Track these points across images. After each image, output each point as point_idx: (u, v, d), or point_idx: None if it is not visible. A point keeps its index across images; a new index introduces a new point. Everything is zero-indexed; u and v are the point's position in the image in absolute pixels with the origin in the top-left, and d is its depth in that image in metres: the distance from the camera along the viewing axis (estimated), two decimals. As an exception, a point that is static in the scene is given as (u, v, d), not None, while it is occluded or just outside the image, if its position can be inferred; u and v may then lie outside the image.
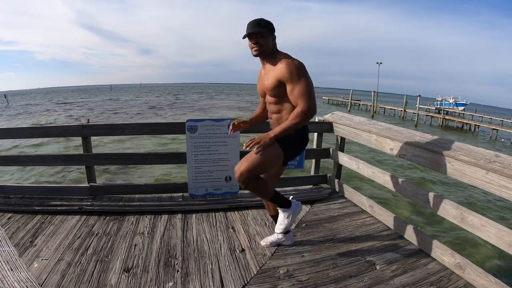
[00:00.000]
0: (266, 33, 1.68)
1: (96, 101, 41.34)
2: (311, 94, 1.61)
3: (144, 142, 11.23)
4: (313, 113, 1.63)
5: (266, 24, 1.68)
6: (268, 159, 1.66)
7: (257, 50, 1.69)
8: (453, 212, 1.77)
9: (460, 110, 34.75)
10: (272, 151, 1.67)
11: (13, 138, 2.95)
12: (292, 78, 1.61)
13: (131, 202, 2.63)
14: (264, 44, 1.68)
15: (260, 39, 1.67)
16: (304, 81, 1.61)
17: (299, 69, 1.62)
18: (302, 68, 1.63)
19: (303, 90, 1.60)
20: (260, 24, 1.67)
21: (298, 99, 1.61)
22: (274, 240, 2.01)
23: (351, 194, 2.79)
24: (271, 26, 1.70)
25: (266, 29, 1.68)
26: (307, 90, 1.60)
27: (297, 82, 1.60)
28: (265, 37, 1.68)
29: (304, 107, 1.59)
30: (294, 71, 1.61)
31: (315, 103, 1.62)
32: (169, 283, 1.65)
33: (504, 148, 16.40)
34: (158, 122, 10.98)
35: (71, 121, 18.36)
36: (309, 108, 1.59)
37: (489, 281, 1.58)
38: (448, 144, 1.83)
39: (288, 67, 1.61)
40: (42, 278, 1.64)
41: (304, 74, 1.62)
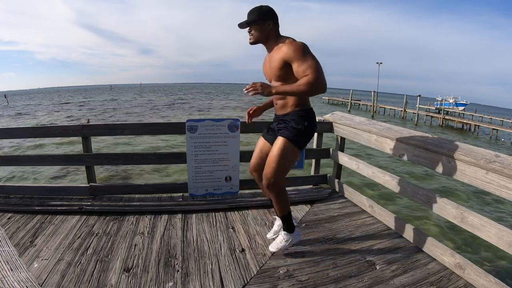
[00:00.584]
0: (258, 22, 1.68)
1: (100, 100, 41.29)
2: (320, 68, 1.56)
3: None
4: (322, 87, 1.54)
5: (259, 13, 1.69)
6: (288, 157, 1.73)
7: (250, 39, 1.74)
8: (453, 212, 1.77)
9: (460, 110, 34.75)
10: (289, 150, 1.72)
11: (13, 138, 2.95)
12: (297, 56, 1.58)
13: (131, 202, 2.63)
14: (255, 33, 1.71)
15: (253, 28, 1.71)
16: (311, 57, 1.58)
17: (304, 47, 1.60)
18: (306, 47, 1.61)
19: (311, 64, 1.55)
20: (252, 13, 1.70)
21: (306, 70, 1.54)
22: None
23: (351, 194, 2.79)
24: (265, 14, 1.69)
25: (259, 17, 1.68)
26: (316, 65, 1.55)
27: (303, 59, 1.57)
28: (258, 26, 1.69)
29: (312, 77, 1.52)
30: (298, 49, 1.59)
31: (324, 77, 1.55)
32: (169, 283, 1.65)
33: (504, 148, 16.40)
34: (158, 122, 10.98)
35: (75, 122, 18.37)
36: (318, 80, 1.52)
37: (489, 281, 1.58)
38: (448, 144, 1.83)
39: (292, 46, 1.60)
40: (42, 278, 1.64)
41: (309, 51, 1.60)
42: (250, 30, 1.72)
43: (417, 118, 24.79)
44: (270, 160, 1.74)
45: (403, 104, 28.80)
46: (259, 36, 1.72)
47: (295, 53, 1.59)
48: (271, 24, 1.71)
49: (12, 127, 3.25)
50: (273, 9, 1.73)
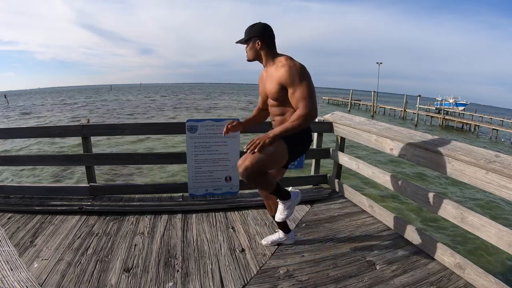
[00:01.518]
0: (250, 41, 1.70)
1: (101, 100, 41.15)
2: (312, 97, 1.60)
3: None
4: (313, 117, 1.61)
5: (249, 32, 1.69)
6: (272, 154, 1.63)
7: (247, 56, 1.77)
8: (453, 212, 1.77)
9: (460, 110, 34.74)
10: (277, 147, 1.64)
11: (13, 138, 2.95)
12: (293, 81, 1.60)
13: (131, 202, 2.63)
14: (248, 51, 1.74)
15: (246, 47, 1.74)
16: (305, 85, 1.59)
17: (301, 72, 1.60)
18: (304, 71, 1.62)
19: (303, 94, 1.58)
20: (246, 32, 1.71)
21: (298, 102, 1.60)
22: (275, 239, 2.03)
23: (351, 194, 2.79)
24: (255, 32, 1.68)
25: (251, 35, 1.68)
26: (308, 94, 1.58)
27: (298, 86, 1.59)
28: (250, 44, 1.71)
29: (304, 111, 1.57)
30: (295, 74, 1.59)
31: (315, 107, 1.60)
32: (169, 283, 1.65)
33: (504, 148, 16.40)
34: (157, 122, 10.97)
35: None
36: (310, 112, 1.57)
37: (489, 281, 1.58)
38: (448, 144, 1.83)
39: (289, 71, 1.60)
40: (42, 278, 1.64)
41: (305, 77, 1.61)
42: (246, 47, 1.75)
43: (417, 118, 24.79)
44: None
45: (403, 104, 28.79)
46: (251, 55, 1.74)
47: (291, 78, 1.60)
48: (259, 44, 1.68)
49: (12, 127, 3.26)
50: (266, 27, 1.69)
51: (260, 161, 1.59)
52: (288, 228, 2.04)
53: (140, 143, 11.53)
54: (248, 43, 1.72)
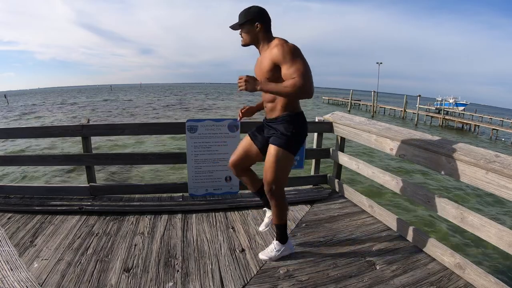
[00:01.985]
0: (246, 24, 1.67)
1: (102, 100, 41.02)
2: (308, 73, 1.54)
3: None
4: (307, 91, 1.53)
5: (247, 15, 1.66)
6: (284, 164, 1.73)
7: (242, 41, 1.73)
8: (453, 212, 1.77)
9: (460, 110, 34.75)
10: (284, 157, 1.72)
11: (13, 138, 2.95)
12: (286, 58, 1.56)
13: (131, 202, 2.63)
14: (245, 35, 1.70)
15: (242, 30, 1.70)
16: (300, 61, 1.55)
17: (294, 50, 1.58)
18: (297, 49, 1.59)
19: (299, 68, 1.53)
20: (241, 15, 1.68)
21: (293, 74, 1.53)
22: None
23: (351, 194, 2.79)
24: (253, 15, 1.66)
25: (247, 19, 1.66)
26: (304, 69, 1.53)
27: (292, 62, 1.55)
28: (247, 28, 1.68)
29: (298, 81, 1.51)
30: (288, 52, 1.56)
31: (312, 82, 1.54)
32: (169, 283, 1.65)
33: (504, 148, 16.40)
34: (157, 122, 10.96)
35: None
36: (304, 84, 1.50)
37: (489, 281, 1.58)
38: (448, 144, 1.83)
39: (282, 49, 1.57)
40: (42, 278, 1.64)
41: (299, 55, 1.58)
42: (241, 32, 1.71)
43: (417, 118, 24.79)
44: (267, 168, 1.73)
45: (403, 104, 28.80)
46: (248, 38, 1.71)
47: (285, 55, 1.56)
48: (259, 26, 1.67)
49: (12, 127, 3.26)
50: (264, 10, 1.68)
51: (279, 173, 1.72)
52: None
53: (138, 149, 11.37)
54: (244, 26, 1.68)
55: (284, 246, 1.89)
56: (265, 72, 1.67)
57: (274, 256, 1.87)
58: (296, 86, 1.50)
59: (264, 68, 1.66)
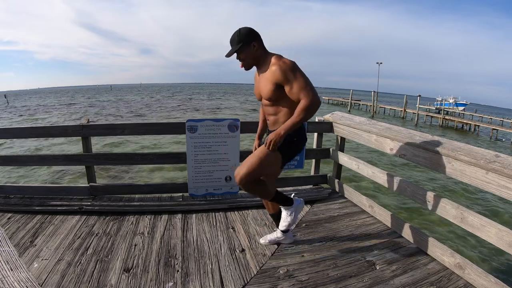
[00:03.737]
0: (243, 47, 1.66)
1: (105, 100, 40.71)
2: (311, 86, 1.60)
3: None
4: (317, 105, 1.59)
5: (240, 38, 1.65)
6: (266, 161, 1.68)
7: (243, 65, 1.72)
8: (453, 212, 1.77)
9: (460, 110, 34.74)
10: (270, 154, 1.68)
11: (13, 138, 2.95)
12: (287, 77, 1.60)
13: (131, 202, 2.63)
14: (245, 58, 1.69)
15: (241, 55, 1.68)
16: (300, 77, 1.60)
17: (292, 67, 1.61)
18: (294, 65, 1.63)
19: (302, 85, 1.58)
20: (234, 41, 1.67)
21: (299, 94, 1.58)
22: (273, 238, 2.04)
23: (351, 194, 2.79)
24: (247, 36, 1.66)
25: (242, 42, 1.65)
26: (305, 84, 1.59)
27: (293, 80, 1.60)
28: (244, 51, 1.67)
29: (307, 101, 1.57)
30: (287, 70, 1.60)
31: (317, 94, 1.59)
32: (169, 283, 1.65)
33: (504, 148, 16.40)
34: (157, 122, 10.97)
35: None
36: (313, 101, 1.57)
37: (489, 281, 1.58)
38: (448, 144, 1.83)
39: (280, 69, 1.60)
40: (42, 278, 1.64)
41: (297, 70, 1.62)
42: (239, 57, 1.69)
43: (417, 118, 24.78)
44: (249, 158, 1.71)
45: (403, 104, 28.78)
46: (250, 60, 1.70)
47: (285, 74, 1.60)
48: (256, 45, 1.68)
49: (12, 127, 3.26)
50: (252, 29, 1.69)
51: (254, 169, 1.67)
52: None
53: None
54: (243, 50, 1.66)
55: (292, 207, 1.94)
56: (267, 93, 1.69)
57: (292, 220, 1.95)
58: (307, 109, 1.57)
59: (267, 89, 1.68)
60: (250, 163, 1.68)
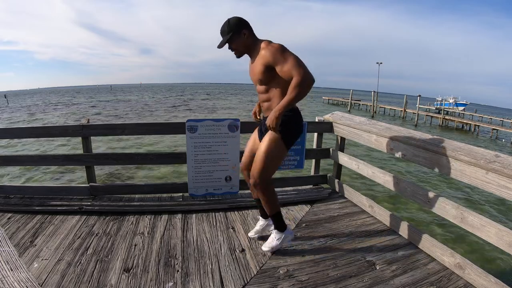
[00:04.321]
0: (234, 36, 1.70)
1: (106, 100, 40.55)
2: (302, 63, 1.60)
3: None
4: (310, 80, 1.59)
5: (230, 28, 1.69)
6: (273, 154, 1.74)
7: (236, 54, 1.76)
8: (453, 212, 1.77)
9: (460, 110, 34.76)
10: (277, 147, 1.74)
11: (13, 138, 2.95)
12: (277, 58, 1.62)
13: (131, 202, 2.63)
14: (237, 46, 1.73)
15: (232, 44, 1.73)
16: (290, 56, 1.62)
17: (281, 48, 1.63)
18: (283, 47, 1.65)
19: (292, 63, 1.59)
20: (224, 31, 1.71)
21: (291, 72, 1.59)
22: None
23: (351, 194, 2.79)
24: (236, 25, 1.69)
25: (232, 31, 1.69)
26: (296, 61, 1.59)
27: (284, 60, 1.61)
28: (235, 40, 1.71)
29: (299, 76, 1.57)
30: (276, 51, 1.63)
31: (308, 70, 1.60)
32: (169, 283, 1.65)
33: (504, 148, 16.39)
34: (157, 122, 10.95)
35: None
36: (305, 76, 1.57)
37: (489, 281, 1.59)
38: (448, 144, 1.83)
39: (270, 50, 1.64)
40: (42, 278, 1.64)
41: (286, 50, 1.64)
42: (231, 46, 1.74)
43: (417, 118, 24.79)
44: (257, 158, 1.77)
45: (403, 104, 28.79)
46: (241, 48, 1.74)
47: (275, 55, 1.62)
48: (246, 33, 1.72)
49: (12, 127, 3.26)
50: (241, 17, 1.73)
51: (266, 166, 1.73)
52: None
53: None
54: (234, 39, 1.71)
55: (283, 233, 1.93)
56: (258, 76, 1.73)
57: (276, 245, 1.92)
58: (300, 85, 1.57)
59: (258, 72, 1.73)
60: (260, 161, 1.74)
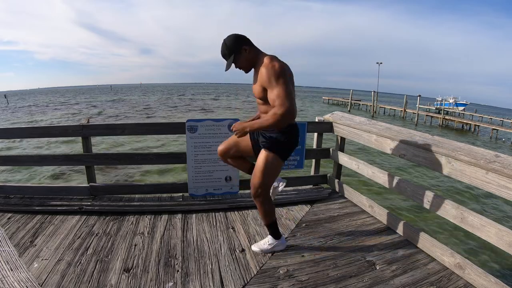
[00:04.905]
0: (236, 56, 1.71)
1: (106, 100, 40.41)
2: (288, 96, 1.58)
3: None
4: (289, 116, 1.58)
5: (229, 50, 1.70)
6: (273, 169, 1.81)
7: (243, 70, 1.77)
8: (453, 212, 1.77)
9: (460, 110, 34.75)
10: (273, 162, 1.79)
11: (13, 138, 2.95)
12: (270, 82, 1.61)
13: (131, 202, 2.63)
14: (242, 64, 1.74)
15: (236, 64, 1.74)
16: (281, 84, 1.59)
17: (279, 72, 1.60)
18: (282, 71, 1.61)
19: (279, 93, 1.58)
20: (225, 55, 1.72)
21: (275, 101, 1.60)
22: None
23: (351, 194, 2.79)
24: (234, 45, 1.69)
25: (233, 52, 1.70)
26: (285, 93, 1.57)
27: (274, 86, 1.60)
28: (239, 59, 1.72)
29: (278, 109, 1.57)
30: (272, 75, 1.60)
31: (292, 105, 1.58)
32: (169, 283, 1.65)
33: (504, 148, 16.39)
34: (157, 122, 10.95)
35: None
36: (284, 111, 1.56)
37: (489, 281, 1.58)
38: (448, 144, 1.83)
39: (267, 72, 1.61)
40: (42, 278, 1.64)
41: (282, 76, 1.60)
42: (236, 66, 1.75)
43: (417, 118, 24.78)
44: (256, 172, 1.82)
45: (403, 104, 28.78)
46: (246, 64, 1.75)
47: (268, 79, 1.61)
48: (247, 48, 1.71)
49: (12, 127, 3.26)
50: (237, 34, 1.72)
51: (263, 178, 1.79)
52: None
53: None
54: (237, 58, 1.71)
55: (277, 241, 1.95)
56: (257, 93, 1.74)
57: (266, 249, 1.95)
58: (276, 117, 1.58)
59: (255, 89, 1.75)
60: (258, 176, 1.79)
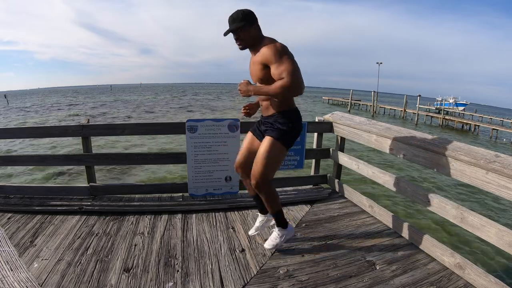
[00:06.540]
0: (246, 26, 1.67)
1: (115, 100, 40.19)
2: (296, 71, 1.57)
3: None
4: (297, 89, 1.57)
5: (244, 17, 1.67)
6: (273, 156, 1.75)
7: (241, 44, 1.73)
8: (453, 212, 1.77)
9: (460, 110, 34.75)
10: (277, 150, 1.75)
11: (13, 138, 2.95)
12: (275, 58, 1.59)
13: (131, 202, 2.63)
14: (245, 37, 1.70)
15: (241, 34, 1.69)
16: (288, 59, 1.58)
17: (281, 49, 1.61)
18: (284, 48, 1.62)
19: (286, 67, 1.56)
20: (237, 19, 1.67)
21: (281, 74, 1.57)
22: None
23: (351, 194, 2.79)
24: (250, 17, 1.68)
25: (245, 21, 1.66)
26: (291, 67, 1.56)
27: (280, 62, 1.58)
28: (245, 31, 1.68)
29: (287, 81, 1.55)
30: (276, 52, 1.60)
31: (300, 80, 1.57)
32: (169, 283, 1.65)
33: (504, 148, 16.39)
34: (157, 122, 10.95)
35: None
36: (292, 83, 1.54)
37: (489, 281, 1.58)
38: (448, 144, 1.83)
39: (270, 49, 1.61)
40: (42, 278, 1.64)
41: (286, 53, 1.61)
42: (238, 36, 1.70)
43: (417, 118, 24.78)
44: (258, 160, 1.77)
45: (403, 104, 28.78)
46: (248, 40, 1.72)
47: (273, 55, 1.60)
48: (257, 27, 1.71)
49: (12, 127, 3.26)
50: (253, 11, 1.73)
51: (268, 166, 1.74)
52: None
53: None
54: (244, 29, 1.68)
55: (285, 230, 1.94)
56: (257, 73, 1.72)
57: (279, 243, 1.94)
58: (284, 86, 1.56)
59: (256, 69, 1.72)
60: (260, 162, 1.74)
